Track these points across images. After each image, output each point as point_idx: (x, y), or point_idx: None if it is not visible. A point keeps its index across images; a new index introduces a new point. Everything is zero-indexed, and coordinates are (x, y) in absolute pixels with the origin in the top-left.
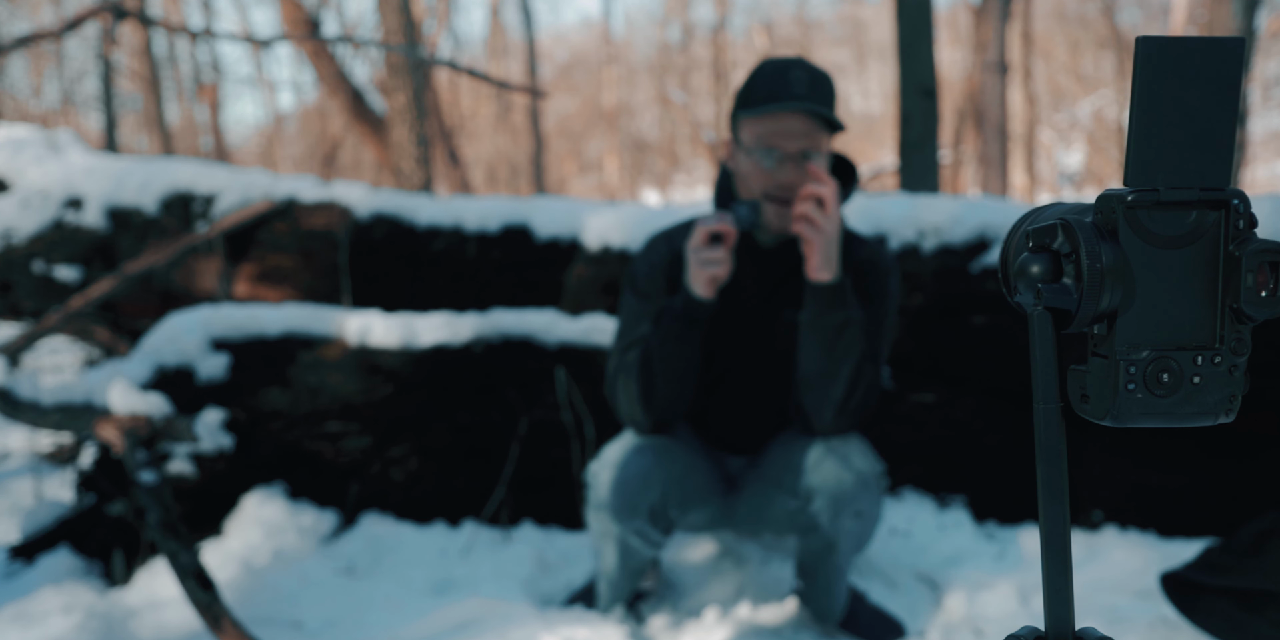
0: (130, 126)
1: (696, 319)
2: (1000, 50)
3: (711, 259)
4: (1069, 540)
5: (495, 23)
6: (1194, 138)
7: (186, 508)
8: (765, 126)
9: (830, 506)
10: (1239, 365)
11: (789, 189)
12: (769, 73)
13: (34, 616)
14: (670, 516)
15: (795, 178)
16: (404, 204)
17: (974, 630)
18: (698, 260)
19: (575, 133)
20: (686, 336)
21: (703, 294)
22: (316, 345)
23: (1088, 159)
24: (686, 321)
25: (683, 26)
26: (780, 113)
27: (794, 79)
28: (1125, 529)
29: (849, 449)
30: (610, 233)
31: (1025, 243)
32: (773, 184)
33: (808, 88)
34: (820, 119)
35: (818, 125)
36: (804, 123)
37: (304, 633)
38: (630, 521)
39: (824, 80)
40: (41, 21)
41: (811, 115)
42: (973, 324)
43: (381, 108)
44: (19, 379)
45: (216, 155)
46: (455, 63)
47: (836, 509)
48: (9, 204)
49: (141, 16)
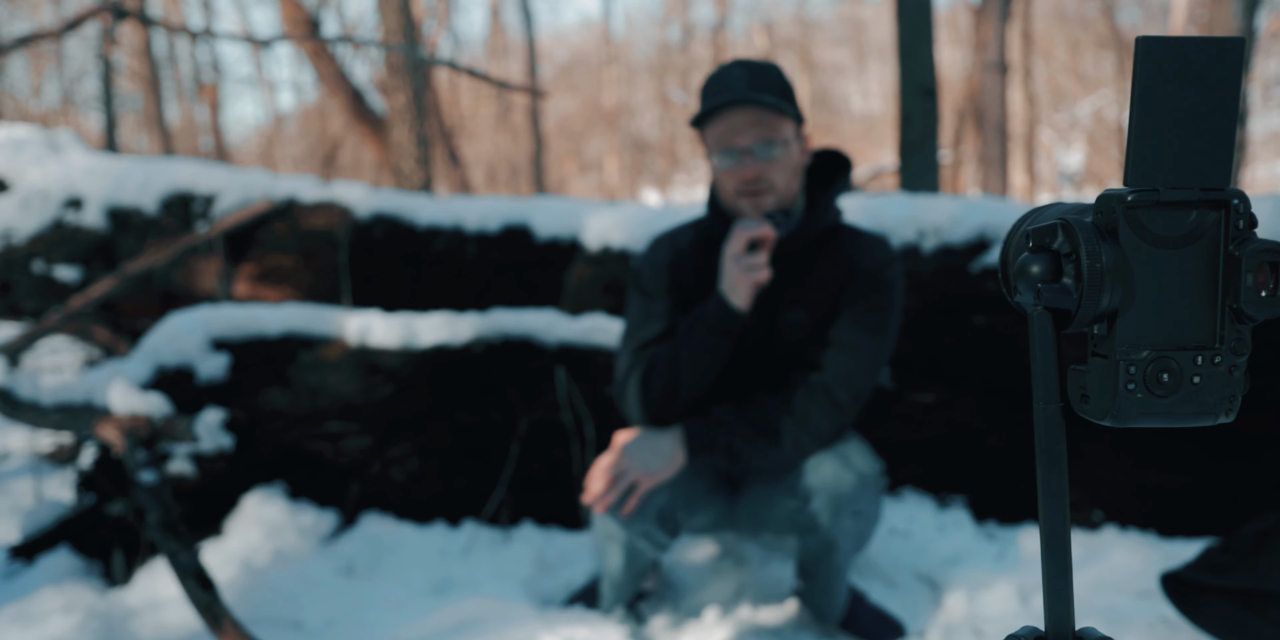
0: (130, 126)
1: (731, 329)
2: (1000, 50)
3: (754, 265)
4: (1069, 540)
5: (495, 23)
6: (1194, 138)
7: (186, 508)
8: (717, 128)
9: (830, 506)
10: (1239, 365)
11: (754, 182)
12: (711, 78)
13: (34, 616)
14: (677, 519)
15: (755, 169)
16: (404, 204)
17: (974, 630)
18: (740, 266)
19: (575, 133)
20: (719, 347)
21: (741, 305)
22: (316, 345)
23: (1088, 159)
24: (720, 332)
25: (683, 26)
26: (725, 111)
27: (732, 77)
28: (1125, 529)
29: (849, 449)
30: (610, 233)
31: (1025, 243)
32: (738, 181)
33: (746, 82)
34: (770, 108)
35: (768, 114)
36: (749, 115)
37: (304, 633)
38: (638, 524)
39: (765, 70)
40: (41, 21)
41: (756, 106)
42: (973, 324)
43: (381, 108)
44: (19, 379)
45: (216, 155)
46: (455, 63)
47: (836, 508)
48: (9, 204)
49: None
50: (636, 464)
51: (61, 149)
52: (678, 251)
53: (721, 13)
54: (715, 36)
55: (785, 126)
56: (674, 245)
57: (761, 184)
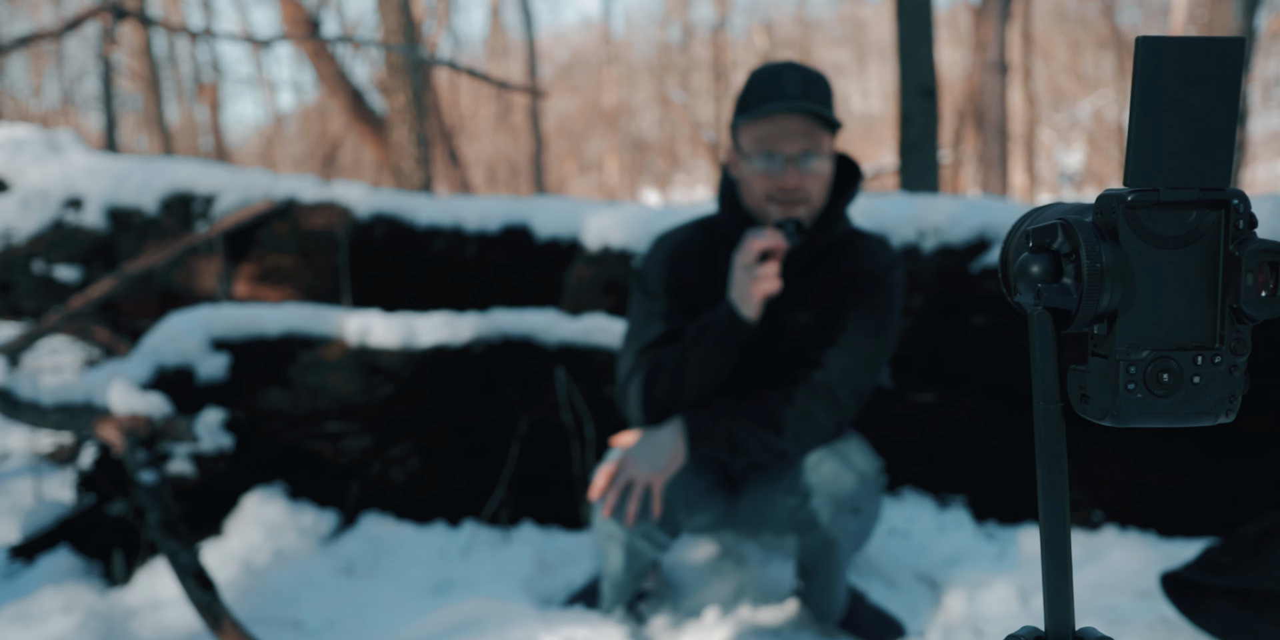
0: (130, 126)
1: (739, 338)
2: (1000, 50)
3: (766, 275)
4: (1069, 540)
5: (495, 23)
6: (1194, 138)
7: (186, 508)
8: (763, 130)
9: (830, 504)
10: (1239, 365)
11: (792, 191)
12: (762, 77)
13: (34, 616)
14: (678, 519)
15: (797, 179)
16: (404, 204)
17: (974, 630)
18: (750, 276)
19: (575, 133)
20: (726, 354)
21: (750, 314)
22: (316, 345)
23: (1088, 159)
24: (728, 341)
25: (683, 26)
26: (776, 115)
27: (787, 81)
28: (1125, 529)
29: (848, 448)
30: (610, 233)
31: (1025, 243)
32: (775, 187)
33: (802, 88)
34: (818, 118)
35: (816, 125)
36: (800, 123)
37: (304, 633)
38: (638, 525)
39: (818, 80)
40: (41, 21)
41: (808, 115)
42: (973, 324)
43: (381, 108)
44: (19, 379)
45: (216, 155)
46: (455, 63)
47: (836, 506)
48: (9, 204)
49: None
50: (641, 465)
51: (61, 149)
52: (682, 252)
53: (721, 13)
54: (715, 36)
55: (828, 140)
56: (678, 245)
57: (798, 194)
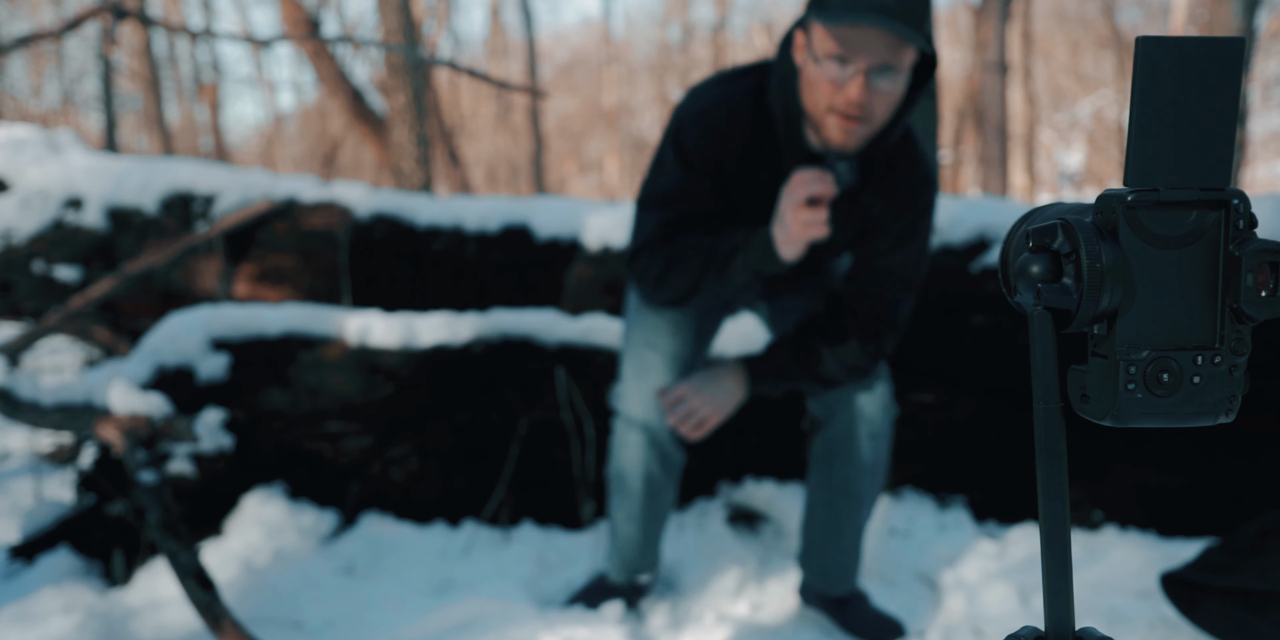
0: (130, 126)
1: (769, 274)
2: (1000, 50)
3: (813, 221)
4: (1069, 540)
5: (495, 23)
6: (1194, 138)
7: (186, 508)
8: (842, 33)
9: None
10: (1239, 365)
11: (857, 106)
12: None
13: (34, 616)
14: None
15: (866, 96)
16: (404, 204)
17: (974, 630)
18: (799, 221)
19: (575, 133)
20: (748, 284)
21: (790, 257)
22: (316, 345)
23: (1088, 159)
24: (756, 274)
25: (683, 26)
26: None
27: None
28: (1125, 529)
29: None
30: (610, 233)
31: (1025, 243)
32: (841, 98)
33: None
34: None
35: (902, 41)
36: (886, 36)
37: (304, 633)
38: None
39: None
40: (41, 21)
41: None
42: (973, 324)
43: (381, 108)
44: (19, 379)
45: (216, 155)
46: (455, 63)
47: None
48: (9, 204)
49: (141, 16)
50: (704, 402)
51: (61, 149)
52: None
53: (721, 13)
54: (715, 36)
55: (909, 58)
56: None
57: (862, 110)
